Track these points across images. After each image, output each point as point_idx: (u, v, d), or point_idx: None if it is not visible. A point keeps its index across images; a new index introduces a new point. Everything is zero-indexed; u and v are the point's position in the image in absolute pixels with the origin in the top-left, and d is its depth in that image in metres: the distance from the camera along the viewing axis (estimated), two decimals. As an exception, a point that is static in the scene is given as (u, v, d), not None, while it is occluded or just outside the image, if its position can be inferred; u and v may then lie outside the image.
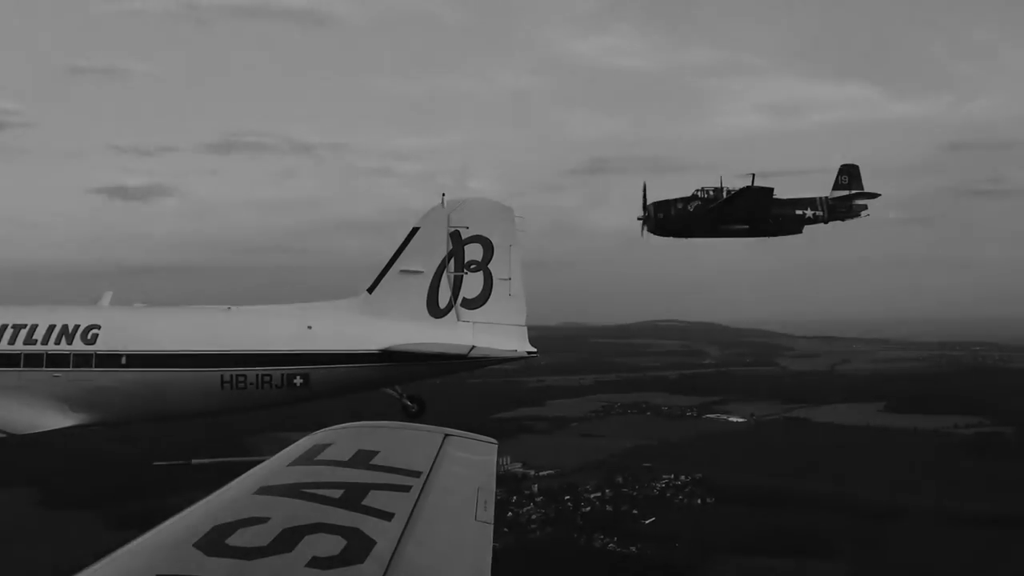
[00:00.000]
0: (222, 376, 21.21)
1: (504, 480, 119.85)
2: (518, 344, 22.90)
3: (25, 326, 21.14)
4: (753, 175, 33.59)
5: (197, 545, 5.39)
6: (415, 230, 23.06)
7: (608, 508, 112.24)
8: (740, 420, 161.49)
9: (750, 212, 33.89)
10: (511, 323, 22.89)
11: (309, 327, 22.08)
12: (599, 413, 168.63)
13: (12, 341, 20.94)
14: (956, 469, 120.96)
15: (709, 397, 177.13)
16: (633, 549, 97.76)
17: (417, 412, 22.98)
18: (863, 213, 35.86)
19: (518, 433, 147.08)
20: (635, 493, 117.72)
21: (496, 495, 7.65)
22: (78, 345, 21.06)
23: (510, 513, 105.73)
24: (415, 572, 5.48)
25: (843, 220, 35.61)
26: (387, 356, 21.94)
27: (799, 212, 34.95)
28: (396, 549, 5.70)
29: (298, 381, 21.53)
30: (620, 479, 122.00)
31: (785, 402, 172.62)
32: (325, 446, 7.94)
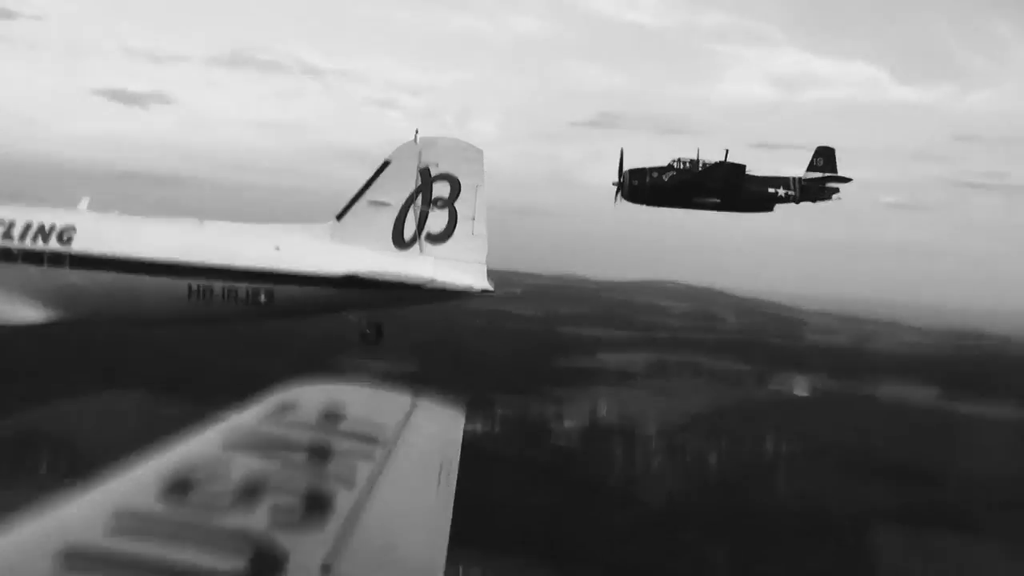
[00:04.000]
0: (190, 286, 21.89)
1: (611, 431, 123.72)
2: (475, 280, 23.26)
3: (3, 222, 22.00)
4: (727, 151, 33.94)
5: (159, 491, 5.40)
6: (386, 163, 23.48)
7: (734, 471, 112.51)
8: (803, 394, 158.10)
9: (723, 187, 34.16)
10: (471, 260, 23.26)
11: (277, 247, 22.63)
12: (654, 370, 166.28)
13: None
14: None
15: (756, 365, 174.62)
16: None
17: (375, 340, 23.59)
18: (835, 196, 35.73)
19: (590, 384, 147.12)
20: (747, 459, 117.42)
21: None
22: (53, 245, 21.87)
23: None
24: (373, 538, 5.48)
25: (814, 201, 35.55)
26: (350, 281, 22.44)
27: (771, 190, 35.07)
28: (357, 515, 5.66)
29: (262, 298, 22.15)
30: (723, 442, 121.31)
31: (833, 376, 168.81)
32: (293, 404, 7.81)
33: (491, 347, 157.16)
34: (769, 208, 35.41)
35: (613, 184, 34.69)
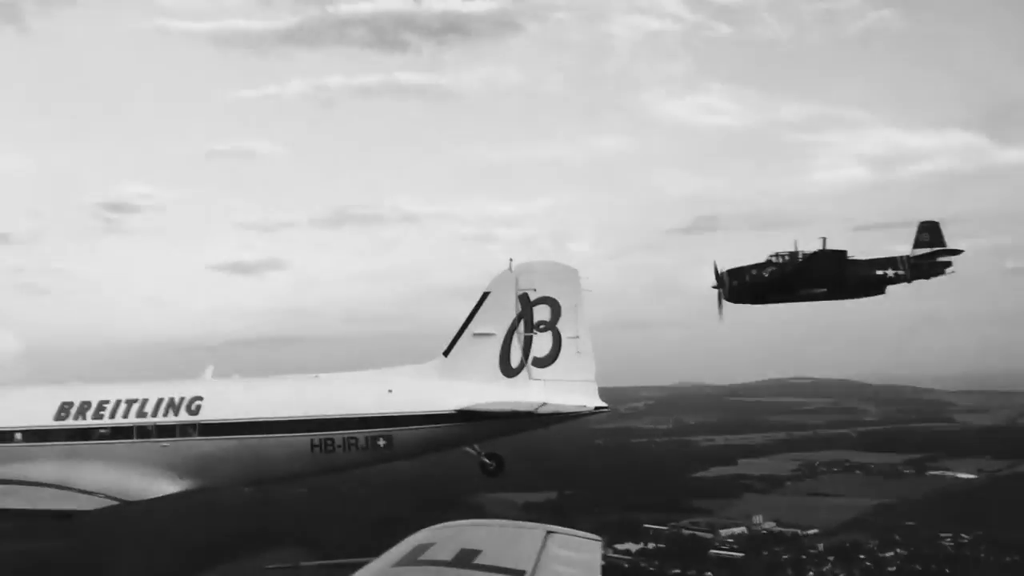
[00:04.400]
0: (312, 440, 22.49)
1: (768, 539, 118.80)
2: (587, 399, 23.29)
3: (136, 400, 23.13)
4: (824, 239, 33.26)
5: None
6: (486, 294, 24.02)
7: (917, 567, 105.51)
8: (970, 476, 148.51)
9: (825, 275, 33.44)
10: (580, 379, 23.34)
11: (390, 391, 23.19)
12: (803, 471, 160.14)
13: (125, 415, 22.90)
14: None
15: (909, 455, 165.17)
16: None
17: (494, 470, 23.60)
18: (947, 270, 34.24)
19: (740, 492, 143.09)
20: (927, 550, 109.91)
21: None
22: (183, 416, 22.89)
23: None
24: None
25: (927, 278, 34.09)
26: (463, 416, 22.72)
27: (879, 272, 33.91)
28: None
29: (381, 442, 22.62)
30: (897, 537, 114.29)
31: (997, 457, 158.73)
32: (428, 546, 7.96)
33: (625, 465, 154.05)
34: (880, 291, 34.28)
35: (712, 288, 34.25)
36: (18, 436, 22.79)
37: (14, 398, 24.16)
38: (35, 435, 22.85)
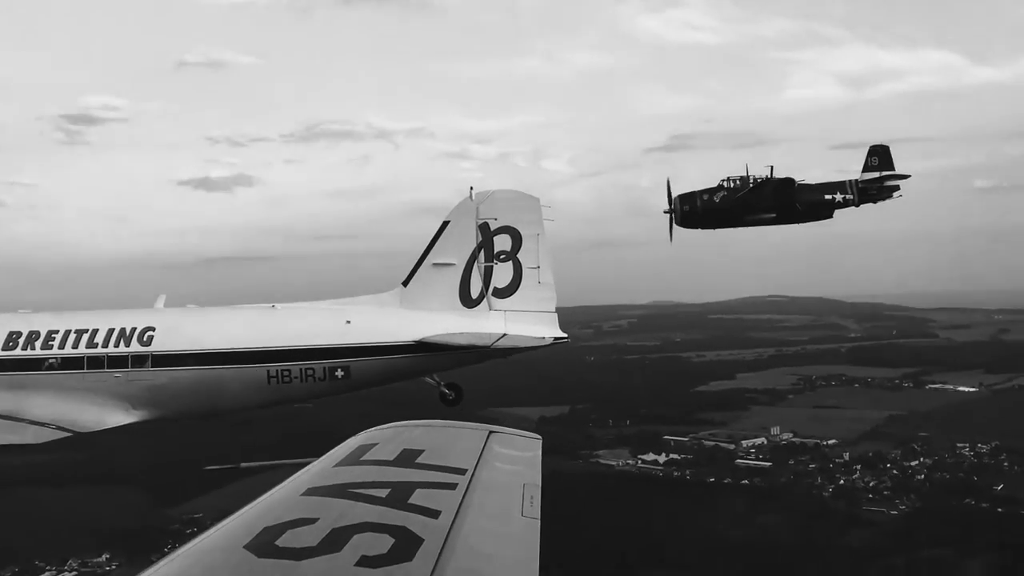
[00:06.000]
0: (268, 372, 22.02)
1: (790, 449, 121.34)
2: (548, 330, 22.94)
3: (86, 331, 22.55)
4: (771, 167, 33.14)
5: (248, 547, 5.51)
6: (445, 224, 23.42)
7: (944, 475, 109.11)
8: (971, 389, 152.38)
9: (773, 203, 33.37)
10: (541, 310, 23.01)
11: (348, 322, 22.68)
12: (803, 385, 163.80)
13: (75, 345, 22.36)
14: None
15: (903, 368, 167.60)
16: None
17: (454, 400, 23.27)
18: (895, 194, 34.03)
19: (746, 405, 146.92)
20: (949, 459, 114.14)
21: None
22: (135, 347, 22.33)
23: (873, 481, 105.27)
24: (463, 569, 5.44)
25: (875, 202, 33.98)
26: (422, 347, 22.28)
27: (828, 197, 33.86)
28: (444, 546, 5.68)
29: (339, 374, 22.15)
30: (916, 447, 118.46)
31: (990, 372, 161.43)
32: (371, 446, 8.02)
33: (625, 381, 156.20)
34: (828, 215, 34.26)
35: (664, 212, 33.89)
36: None
37: None
38: None
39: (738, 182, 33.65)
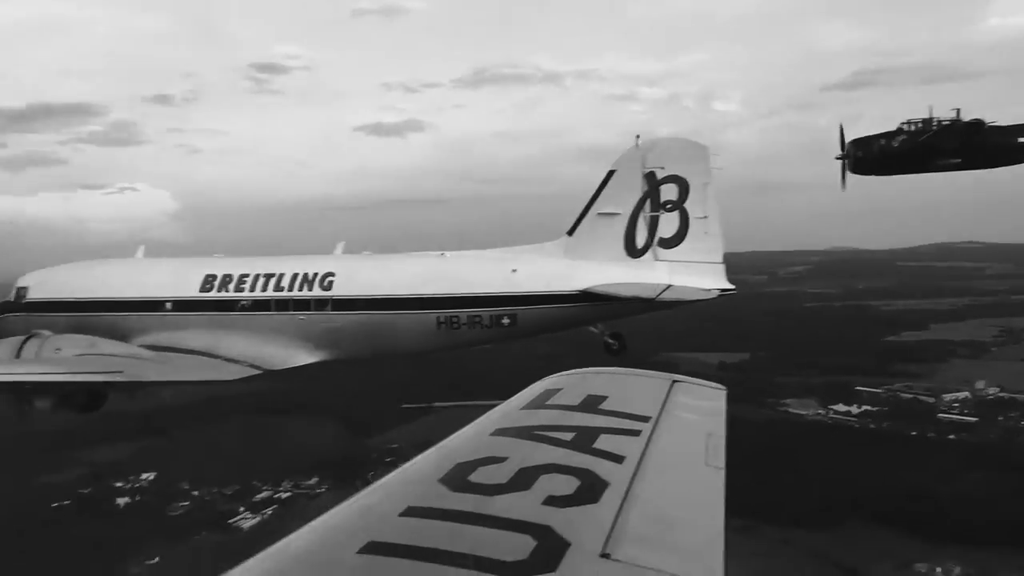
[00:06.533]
0: (438, 318, 22.83)
1: (999, 404, 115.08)
2: (714, 282, 22.35)
3: (273, 275, 24.18)
4: (958, 110, 30.15)
5: (442, 480, 5.98)
6: (611, 173, 23.17)
7: None
8: None
9: (959, 146, 30.45)
10: (707, 260, 22.46)
11: (514, 270, 23.07)
12: (1007, 337, 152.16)
13: (264, 288, 24.08)
14: None
15: None
16: None
17: (618, 350, 23.14)
18: None
19: (945, 356, 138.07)
20: None
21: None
22: (317, 291, 23.74)
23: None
24: (649, 514, 5.65)
25: None
26: (586, 296, 22.36)
27: (1021, 140, 30.49)
28: (628, 490, 5.91)
29: (505, 321, 22.65)
30: None
31: None
32: (556, 391, 8.30)
33: (805, 329, 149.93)
34: (1020, 160, 30.94)
35: (836, 159, 31.58)
36: (168, 306, 24.49)
37: (163, 270, 25.76)
38: (184, 305, 24.43)
39: (920, 125, 31.22)
